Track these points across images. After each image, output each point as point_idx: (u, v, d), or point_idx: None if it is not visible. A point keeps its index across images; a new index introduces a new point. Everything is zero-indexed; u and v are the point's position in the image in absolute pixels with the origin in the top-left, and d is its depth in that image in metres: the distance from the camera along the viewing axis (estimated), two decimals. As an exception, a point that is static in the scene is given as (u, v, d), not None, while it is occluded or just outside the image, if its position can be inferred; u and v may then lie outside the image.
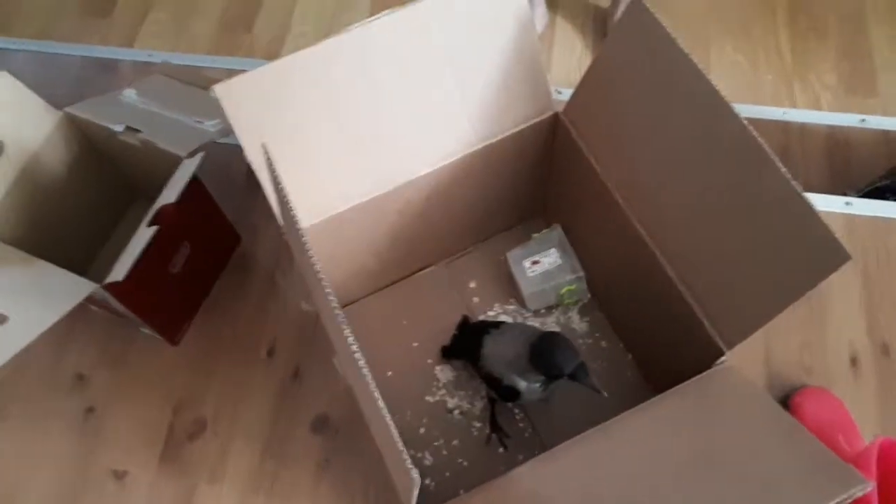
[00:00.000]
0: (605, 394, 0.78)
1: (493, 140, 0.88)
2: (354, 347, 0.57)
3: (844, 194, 1.15)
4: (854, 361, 0.99)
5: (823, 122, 1.27)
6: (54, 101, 1.01)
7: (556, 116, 0.90)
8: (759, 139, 0.65)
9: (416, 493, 0.58)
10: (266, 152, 0.65)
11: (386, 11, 0.75)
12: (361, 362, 0.57)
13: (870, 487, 0.58)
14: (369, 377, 0.57)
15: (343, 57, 0.76)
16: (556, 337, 0.82)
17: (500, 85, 0.84)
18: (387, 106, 0.81)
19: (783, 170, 0.64)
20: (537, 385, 0.83)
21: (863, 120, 1.26)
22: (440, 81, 0.81)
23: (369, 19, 0.75)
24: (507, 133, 0.88)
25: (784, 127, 1.26)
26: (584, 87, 0.85)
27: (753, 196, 0.68)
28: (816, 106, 1.29)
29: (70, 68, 1.40)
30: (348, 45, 0.75)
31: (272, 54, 1.39)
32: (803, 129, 1.26)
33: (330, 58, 0.75)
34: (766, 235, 0.68)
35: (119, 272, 0.83)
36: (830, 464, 0.60)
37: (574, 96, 0.87)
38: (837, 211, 1.10)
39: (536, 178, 1.00)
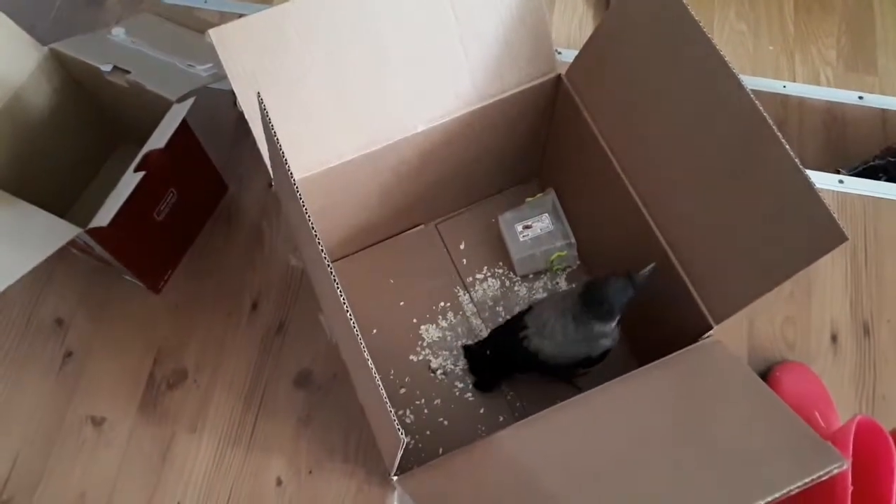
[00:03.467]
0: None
1: (494, 99, 0.86)
2: (345, 304, 0.56)
3: (838, 172, 1.15)
4: (834, 339, 1.00)
5: (822, 97, 1.26)
6: (35, 35, 0.96)
7: (558, 78, 0.88)
8: (765, 114, 0.64)
9: (401, 452, 0.58)
10: (261, 102, 0.63)
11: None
12: (352, 321, 0.56)
13: (846, 465, 0.59)
14: (359, 336, 0.56)
15: (344, 6, 0.74)
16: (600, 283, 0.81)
17: (504, 42, 0.82)
18: (387, 59, 0.78)
19: (787, 146, 0.63)
20: (614, 328, 0.83)
21: (861, 98, 1.25)
22: (444, 36, 0.79)
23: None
24: (509, 93, 0.86)
25: (783, 100, 1.26)
26: (589, 49, 0.83)
27: (754, 171, 0.67)
28: (816, 81, 1.28)
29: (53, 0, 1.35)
30: (350, -7, 0.73)
31: (266, -4, 1.35)
32: (802, 104, 1.26)
33: (330, 6, 0.73)
34: (763, 211, 0.68)
35: (104, 217, 0.81)
36: (810, 441, 0.61)
37: (578, 58, 0.85)
38: (830, 188, 1.10)
39: (533, 140, 0.99)
